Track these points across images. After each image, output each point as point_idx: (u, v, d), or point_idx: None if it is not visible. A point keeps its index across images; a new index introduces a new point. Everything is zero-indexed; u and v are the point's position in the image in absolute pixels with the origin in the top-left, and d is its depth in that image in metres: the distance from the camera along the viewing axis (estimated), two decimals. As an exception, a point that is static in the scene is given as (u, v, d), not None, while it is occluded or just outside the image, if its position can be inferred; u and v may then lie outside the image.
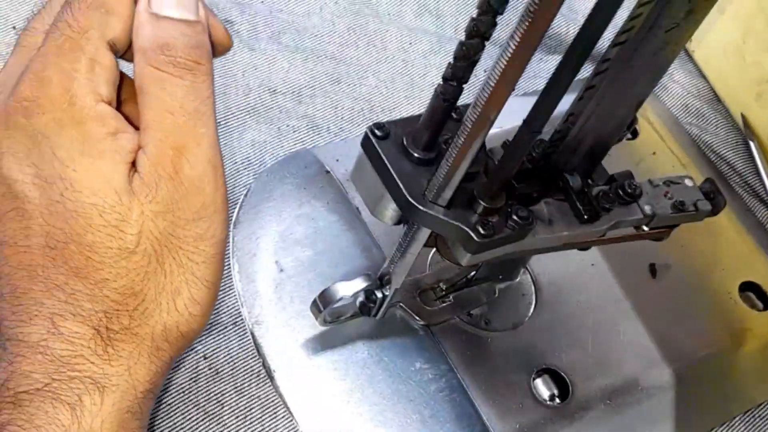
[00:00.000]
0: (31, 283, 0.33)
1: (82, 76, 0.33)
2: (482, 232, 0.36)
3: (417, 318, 0.48)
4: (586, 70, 0.37)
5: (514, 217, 0.37)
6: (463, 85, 0.34)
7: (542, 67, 0.63)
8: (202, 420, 0.44)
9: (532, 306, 0.51)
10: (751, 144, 0.63)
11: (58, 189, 0.33)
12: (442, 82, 0.34)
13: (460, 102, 0.36)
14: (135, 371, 0.35)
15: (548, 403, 0.48)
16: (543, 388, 0.48)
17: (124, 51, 0.35)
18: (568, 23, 0.66)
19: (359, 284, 0.43)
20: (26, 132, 0.33)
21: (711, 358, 0.53)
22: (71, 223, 0.33)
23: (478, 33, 0.32)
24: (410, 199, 0.36)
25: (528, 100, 0.35)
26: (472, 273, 0.49)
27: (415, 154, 0.37)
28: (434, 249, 0.49)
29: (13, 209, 0.33)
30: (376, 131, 0.37)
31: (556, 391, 0.48)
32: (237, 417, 0.44)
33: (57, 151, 0.33)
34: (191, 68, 0.34)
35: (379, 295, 0.44)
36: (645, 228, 0.43)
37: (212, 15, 0.36)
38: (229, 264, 0.48)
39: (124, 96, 0.36)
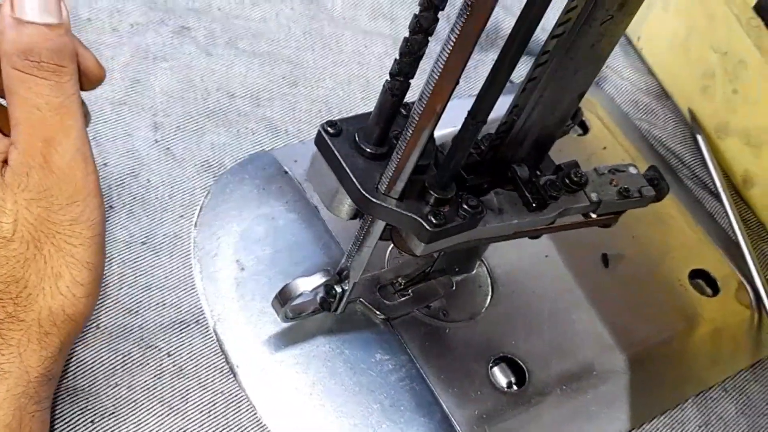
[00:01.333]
0: None
1: None
2: (434, 221, 0.38)
3: (377, 312, 0.49)
4: (527, 65, 0.39)
5: (465, 207, 0.38)
6: (410, 81, 0.36)
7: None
8: (167, 415, 0.44)
9: (489, 297, 0.52)
10: (698, 137, 0.65)
11: None
12: (389, 79, 0.36)
13: (410, 100, 0.37)
14: (26, 357, 0.36)
15: (506, 390, 0.49)
16: (500, 376, 0.50)
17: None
18: (509, 17, 0.67)
19: (319, 279, 0.44)
20: None
21: (663, 343, 0.55)
22: None
23: (421, 29, 0.33)
24: (364, 192, 0.37)
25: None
26: (430, 267, 0.50)
27: (367, 150, 0.38)
28: (392, 245, 0.51)
29: None
30: (329, 128, 0.38)
31: (513, 379, 0.50)
32: (201, 412, 0.45)
33: None
34: (55, 71, 0.36)
35: (339, 289, 0.45)
36: (592, 215, 0.45)
37: (81, 45, 0.38)
38: (191, 264, 0.49)
39: None
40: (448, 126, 0.38)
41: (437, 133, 0.38)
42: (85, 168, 0.37)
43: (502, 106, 0.40)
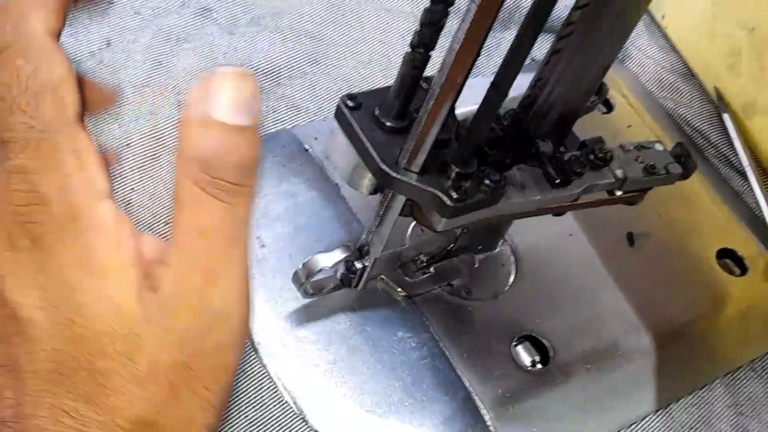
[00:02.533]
0: (36, 409, 0.30)
1: (75, 181, 0.31)
2: (455, 196, 0.37)
3: (399, 290, 0.49)
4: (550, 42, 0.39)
5: (486, 182, 0.38)
6: (431, 53, 0.35)
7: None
8: (189, 393, 0.44)
9: (512, 276, 0.52)
10: (725, 116, 0.64)
11: (66, 313, 0.31)
12: (410, 50, 0.35)
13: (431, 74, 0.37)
14: None
15: (530, 368, 0.49)
16: (524, 355, 0.49)
17: (83, 114, 0.33)
18: None
19: (339, 255, 0.44)
20: (31, 255, 0.31)
21: (691, 323, 0.54)
22: (81, 348, 0.31)
23: (442, -1, 0.33)
24: (383, 166, 0.37)
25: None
26: (452, 244, 0.49)
27: (387, 123, 0.38)
28: (414, 223, 0.50)
29: (18, 333, 0.31)
30: (348, 102, 0.38)
31: (537, 357, 0.49)
32: (223, 389, 0.45)
33: (64, 272, 0.31)
34: (233, 191, 0.31)
35: (359, 265, 0.45)
36: (617, 192, 0.44)
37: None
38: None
39: None
40: (470, 104, 0.37)
41: (459, 111, 0.38)
42: (242, 311, 0.33)
43: (525, 83, 0.39)
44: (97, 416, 0.31)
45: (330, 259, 0.44)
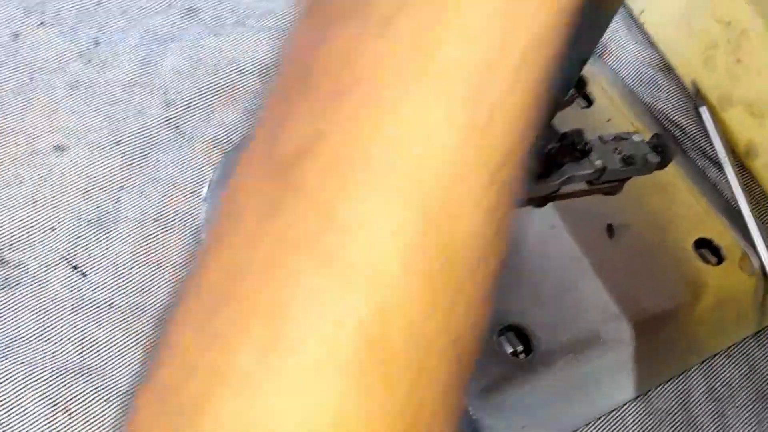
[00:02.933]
0: None
1: None
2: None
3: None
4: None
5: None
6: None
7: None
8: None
9: (495, 267, 0.53)
10: (702, 108, 0.66)
11: None
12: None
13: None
14: None
15: (512, 358, 0.50)
16: (507, 345, 0.50)
17: None
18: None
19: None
20: None
21: (669, 311, 0.55)
22: None
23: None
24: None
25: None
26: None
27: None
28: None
29: None
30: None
31: (520, 347, 0.51)
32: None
33: None
34: None
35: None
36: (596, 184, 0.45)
37: None
38: (202, 239, 0.50)
39: None
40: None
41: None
42: None
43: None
44: None
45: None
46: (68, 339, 0.45)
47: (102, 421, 0.43)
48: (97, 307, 0.46)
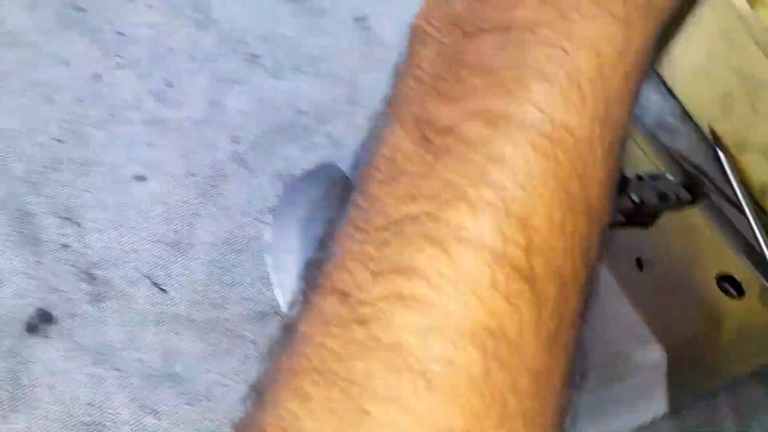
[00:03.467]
0: None
1: None
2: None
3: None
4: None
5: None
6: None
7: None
8: (256, 394, 0.49)
9: (536, 294, 0.57)
10: (720, 154, 0.71)
11: None
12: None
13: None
14: None
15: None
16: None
17: None
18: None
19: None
20: None
21: (695, 339, 0.60)
22: None
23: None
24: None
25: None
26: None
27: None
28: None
29: None
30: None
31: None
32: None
33: None
34: None
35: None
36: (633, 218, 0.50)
37: None
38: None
39: None
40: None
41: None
42: None
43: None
44: None
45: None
46: (153, 348, 0.50)
47: (186, 422, 0.47)
48: (178, 323, 0.51)
